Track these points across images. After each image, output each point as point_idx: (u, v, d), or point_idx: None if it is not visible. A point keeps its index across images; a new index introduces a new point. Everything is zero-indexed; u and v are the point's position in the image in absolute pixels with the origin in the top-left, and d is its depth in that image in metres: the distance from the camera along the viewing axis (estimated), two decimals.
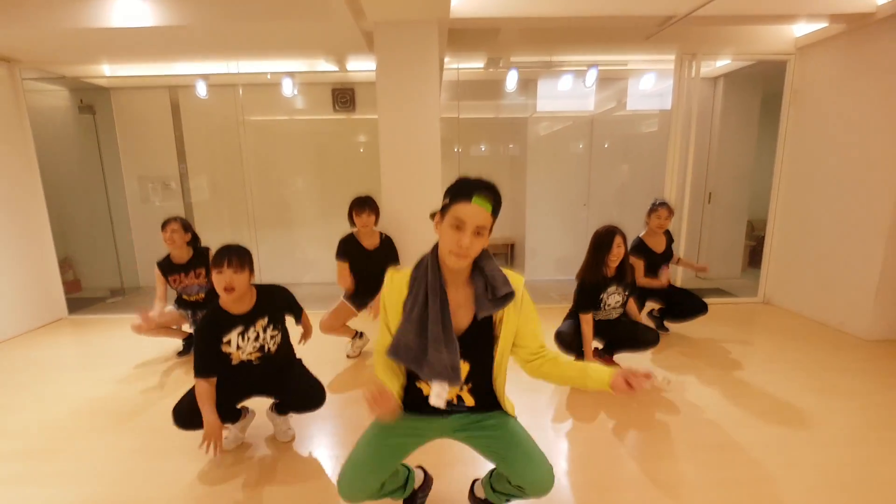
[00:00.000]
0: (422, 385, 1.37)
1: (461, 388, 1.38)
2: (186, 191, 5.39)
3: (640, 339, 2.81)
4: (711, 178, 5.21)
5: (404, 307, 1.30)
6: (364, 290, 3.08)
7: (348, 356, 3.22)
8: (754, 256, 5.55)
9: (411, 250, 3.48)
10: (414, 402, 1.39)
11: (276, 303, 2.05)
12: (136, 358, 3.29)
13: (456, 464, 1.95)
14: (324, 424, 2.37)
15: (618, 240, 2.61)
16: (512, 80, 4.51)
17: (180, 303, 3.24)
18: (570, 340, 2.76)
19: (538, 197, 5.36)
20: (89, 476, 1.98)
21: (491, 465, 1.51)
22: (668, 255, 3.40)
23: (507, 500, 1.52)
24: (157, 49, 3.89)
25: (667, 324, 3.61)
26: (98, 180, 5.13)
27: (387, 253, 3.12)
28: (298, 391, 2.09)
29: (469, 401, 1.41)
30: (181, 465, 2.03)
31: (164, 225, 3.08)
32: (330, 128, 5.38)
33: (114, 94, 5.16)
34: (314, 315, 4.10)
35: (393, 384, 1.34)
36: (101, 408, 2.59)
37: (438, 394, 1.30)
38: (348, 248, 3.04)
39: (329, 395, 2.18)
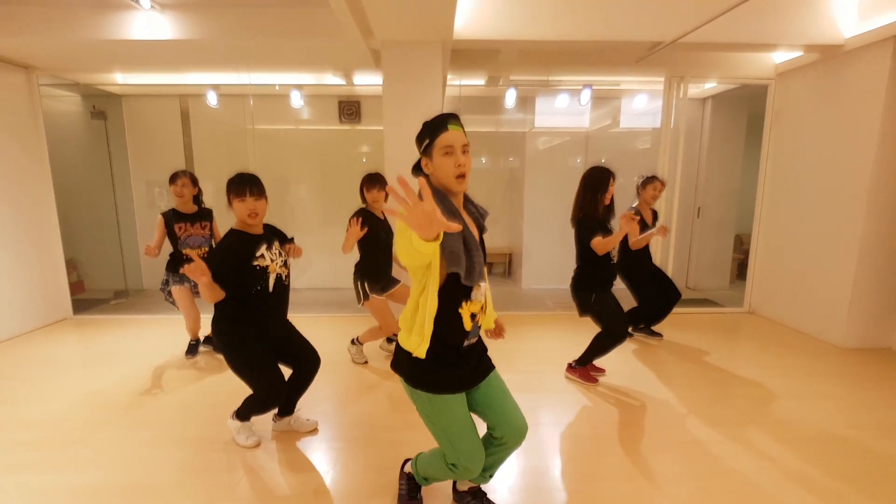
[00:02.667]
0: (462, 311, 1.43)
1: (482, 309, 1.50)
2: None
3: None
4: (700, 194, 5.44)
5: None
6: (384, 265, 3.10)
7: (355, 361, 3.27)
8: (742, 269, 5.75)
9: None
10: (448, 354, 1.46)
11: (280, 233, 2.24)
12: (143, 357, 3.40)
13: None
14: (329, 420, 2.50)
15: (612, 179, 2.66)
16: (511, 97, 4.73)
17: (175, 263, 3.20)
18: (588, 280, 2.75)
19: (536, 209, 5.56)
20: (103, 463, 2.09)
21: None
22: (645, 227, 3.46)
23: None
24: (172, 60, 4.07)
25: (653, 328, 3.77)
26: (106, 184, 5.26)
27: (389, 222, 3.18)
28: (305, 346, 2.26)
29: (487, 323, 1.62)
30: (191, 454, 2.14)
31: (174, 178, 3.17)
32: (335, 138, 5.57)
33: (125, 100, 5.32)
34: (316, 319, 4.28)
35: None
36: (111, 402, 2.69)
37: (477, 297, 1.46)
38: (363, 215, 2.96)
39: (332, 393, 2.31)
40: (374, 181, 3.00)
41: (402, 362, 1.50)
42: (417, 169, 1.47)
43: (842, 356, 3.41)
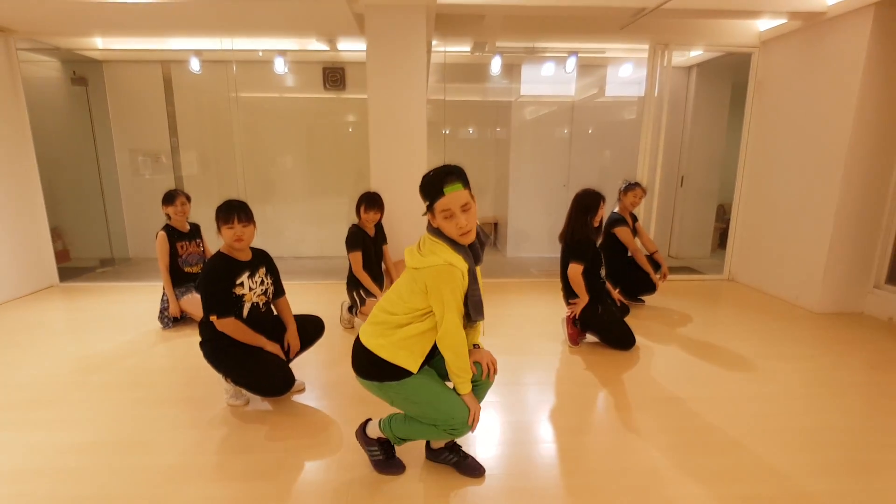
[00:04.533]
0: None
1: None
2: (177, 164, 5.50)
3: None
4: (684, 163, 5.51)
5: (470, 275, 1.53)
6: (372, 275, 3.23)
7: (345, 326, 3.36)
8: (724, 238, 5.86)
9: (398, 225, 3.70)
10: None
11: (269, 259, 2.32)
12: (130, 322, 3.45)
13: None
14: (317, 381, 2.59)
15: (602, 203, 2.88)
16: (496, 64, 4.70)
17: (176, 279, 3.31)
18: (590, 292, 2.93)
19: (521, 178, 5.60)
20: (93, 422, 2.13)
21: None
22: (634, 233, 3.69)
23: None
24: (152, 24, 3.97)
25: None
26: (89, 152, 5.20)
27: (379, 235, 3.35)
28: (302, 322, 2.38)
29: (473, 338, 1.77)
30: (180, 412, 2.20)
31: (172, 198, 3.24)
32: (320, 106, 5.52)
33: (106, 66, 5.21)
34: (302, 286, 4.33)
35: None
36: (99, 365, 2.74)
37: (483, 331, 1.73)
38: (361, 238, 3.18)
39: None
40: (374, 204, 3.17)
41: (368, 366, 1.60)
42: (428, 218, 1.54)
43: (816, 320, 3.54)
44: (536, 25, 4.20)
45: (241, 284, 2.13)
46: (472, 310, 1.53)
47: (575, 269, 2.87)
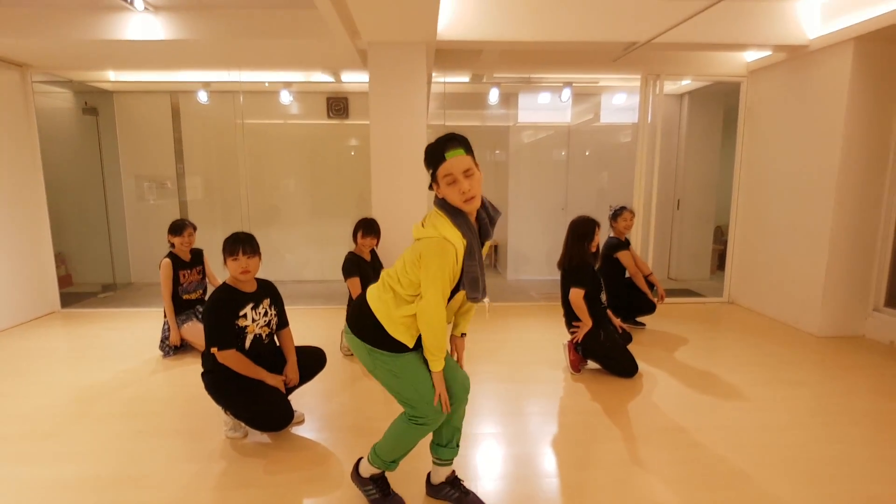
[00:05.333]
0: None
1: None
2: (182, 189, 5.59)
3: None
4: (680, 186, 5.59)
5: (467, 251, 1.46)
6: None
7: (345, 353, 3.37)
8: (722, 260, 5.88)
9: (399, 247, 3.74)
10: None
11: (274, 290, 2.35)
12: (130, 350, 3.45)
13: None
14: (316, 411, 2.59)
15: (597, 229, 2.94)
16: (494, 95, 4.84)
17: (176, 306, 3.32)
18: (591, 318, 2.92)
19: (520, 201, 5.68)
20: (90, 456, 2.10)
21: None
22: None
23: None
24: (164, 60, 4.13)
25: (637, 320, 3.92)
26: (96, 178, 5.30)
27: (375, 260, 3.39)
28: (304, 355, 2.39)
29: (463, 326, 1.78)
30: (179, 444, 2.18)
31: (180, 229, 3.29)
32: (324, 132, 5.65)
33: (117, 97, 5.36)
34: (303, 311, 4.35)
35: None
36: (99, 394, 2.72)
37: (488, 307, 1.67)
38: (357, 264, 3.20)
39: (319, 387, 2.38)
40: (371, 230, 3.21)
41: (367, 328, 1.56)
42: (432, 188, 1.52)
43: (817, 344, 3.53)
44: (532, 59, 4.35)
45: (245, 316, 2.15)
46: (468, 286, 1.47)
47: (576, 294, 2.89)
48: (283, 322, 2.36)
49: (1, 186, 3.95)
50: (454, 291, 1.54)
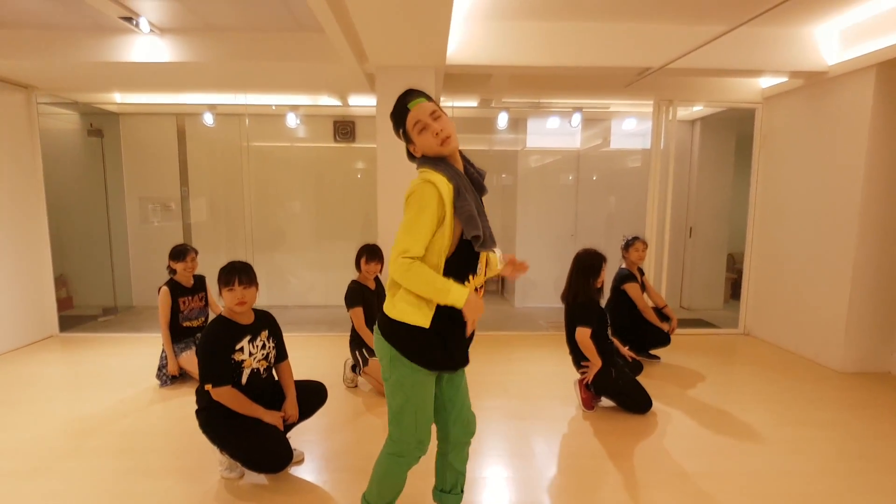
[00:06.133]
0: (468, 286, 1.40)
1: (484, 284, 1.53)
2: (186, 212, 5.55)
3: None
4: (692, 214, 5.48)
5: (456, 192, 1.35)
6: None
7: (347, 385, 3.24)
8: (736, 288, 5.76)
9: None
10: (453, 330, 1.42)
11: (273, 321, 2.24)
12: (126, 379, 3.34)
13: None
14: (317, 449, 2.46)
15: (604, 264, 2.81)
16: (503, 120, 4.81)
17: (175, 334, 3.21)
18: (601, 355, 2.77)
19: (528, 227, 5.58)
20: (80, 496, 1.99)
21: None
22: (641, 287, 3.62)
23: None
24: (170, 82, 4.13)
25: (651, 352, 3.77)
26: (100, 200, 5.27)
27: (379, 287, 3.28)
28: (303, 390, 2.27)
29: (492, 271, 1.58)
30: (172, 485, 2.07)
31: (183, 254, 3.19)
32: (330, 155, 5.62)
33: (122, 119, 5.37)
34: (306, 338, 4.24)
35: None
36: (92, 428, 2.61)
37: (501, 259, 1.55)
38: (361, 293, 3.10)
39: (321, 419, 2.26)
40: (374, 255, 3.11)
41: (397, 332, 1.41)
42: (412, 157, 1.48)
43: (841, 381, 3.37)
44: (542, 83, 4.31)
45: (241, 350, 2.05)
46: (465, 223, 1.33)
47: (583, 334, 2.77)
48: (281, 355, 2.25)
49: (1, 209, 3.90)
50: (463, 252, 1.39)
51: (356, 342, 3.13)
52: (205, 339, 2.04)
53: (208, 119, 4.92)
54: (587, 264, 2.80)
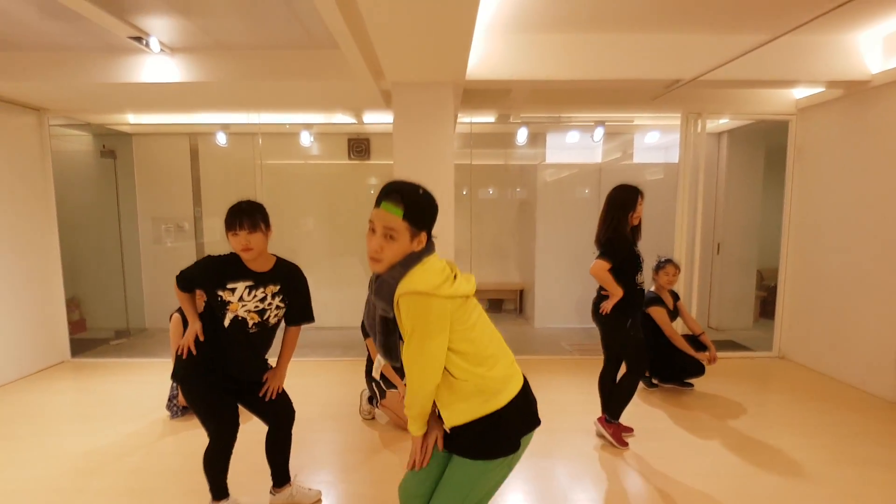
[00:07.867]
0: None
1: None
2: (199, 231, 5.48)
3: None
4: (719, 230, 5.25)
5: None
6: None
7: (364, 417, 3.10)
8: (765, 307, 5.51)
9: None
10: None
11: (294, 280, 1.97)
12: (137, 409, 3.22)
13: None
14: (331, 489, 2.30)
15: (640, 198, 2.49)
16: (522, 135, 4.67)
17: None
18: (624, 304, 2.47)
19: (548, 244, 5.39)
20: None
21: None
22: (675, 313, 3.40)
23: None
24: (182, 102, 4.06)
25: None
26: (113, 221, 5.22)
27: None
28: (279, 402, 2.05)
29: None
30: None
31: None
32: (344, 172, 5.53)
33: (135, 139, 5.33)
34: (319, 363, 4.08)
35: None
36: (100, 465, 2.50)
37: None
38: None
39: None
40: None
41: (469, 439, 1.30)
42: None
43: (892, 412, 3.11)
44: (563, 98, 4.16)
45: (233, 291, 1.84)
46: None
47: (600, 266, 2.42)
48: (294, 317, 2.01)
49: (13, 232, 3.84)
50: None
51: (371, 372, 2.96)
52: (207, 257, 1.91)
53: (221, 138, 4.87)
54: (621, 199, 2.48)
